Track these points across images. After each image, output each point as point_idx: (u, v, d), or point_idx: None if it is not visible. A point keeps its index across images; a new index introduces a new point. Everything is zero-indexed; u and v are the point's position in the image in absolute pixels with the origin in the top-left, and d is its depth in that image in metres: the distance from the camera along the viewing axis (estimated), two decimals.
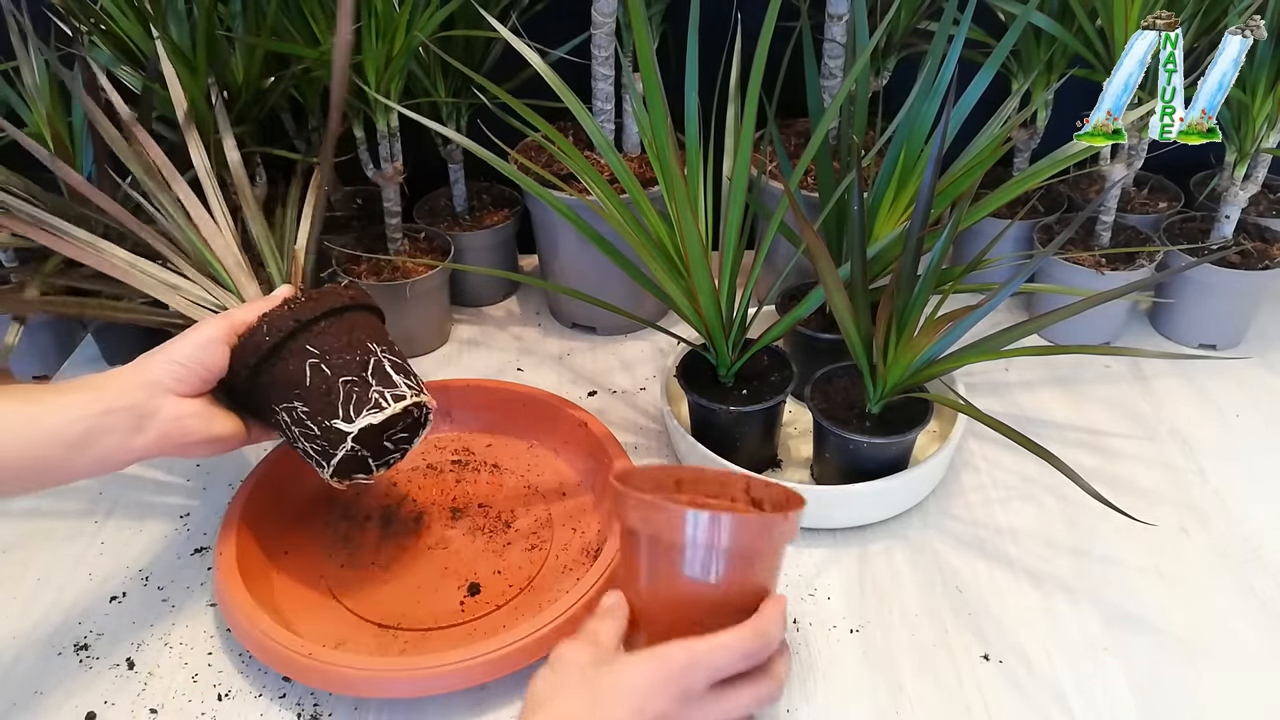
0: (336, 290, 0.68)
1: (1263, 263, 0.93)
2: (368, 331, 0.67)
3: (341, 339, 0.65)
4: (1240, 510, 0.79)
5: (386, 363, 0.66)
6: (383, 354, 0.66)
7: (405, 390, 0.65)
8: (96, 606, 0.72)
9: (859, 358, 0.74)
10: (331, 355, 0.64)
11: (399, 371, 0.66)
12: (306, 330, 0.65)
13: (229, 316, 0.65)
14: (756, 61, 0.71)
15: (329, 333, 0.65)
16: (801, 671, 0.66)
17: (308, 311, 0.65)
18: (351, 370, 0.64)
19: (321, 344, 0.65)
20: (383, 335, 0.69)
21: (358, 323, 0.67)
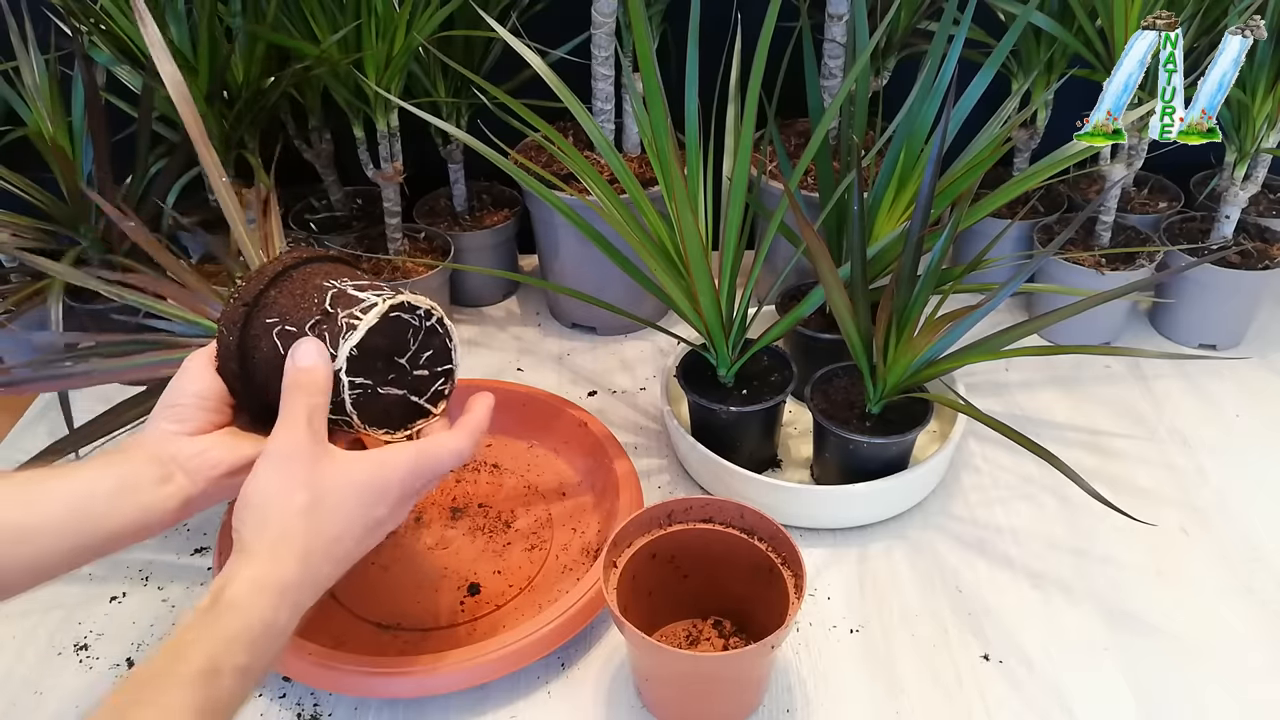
0: (275, 258, 0.62)
1: (1263, 263, 0.93)
2: (322, 274, 0.60)
3: (295, 295, 0.59)
4: (1240, 510, 0.79)
5: (349, 286, 0.58)
6: (342, 283, 0.59)
7: (375, 298, 0.57)
8: (96, 606, 0.72)
9: (859, 358, 0.74)
10: (289, 314, 0.58)
11: (364, 289, 0.59)
12: (258, 307, 0.59)
13: (210, 346, 0.60)
14: (756, 61, 0.71)
15: (281, 297, 0.59)
16: (801, 671, 0.66)
17: (251, 290, 0.59)
18: (312, 313, 0.58)
19: (277, 310, 0.59)
20: (341, 271, 0.62)
21: (309, 273, 0.61)
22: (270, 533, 0.50)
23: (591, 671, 0.67)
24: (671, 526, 0.65)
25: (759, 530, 0.64)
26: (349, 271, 0.62)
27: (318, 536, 0.52)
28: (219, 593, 0.48)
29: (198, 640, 0.46)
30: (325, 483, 0.53)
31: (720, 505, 0.65)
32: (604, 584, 0.61)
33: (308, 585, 0.52)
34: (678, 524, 0.65)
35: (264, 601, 0.49)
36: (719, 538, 0.65)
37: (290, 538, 0.51)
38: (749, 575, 0.65)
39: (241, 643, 0.47)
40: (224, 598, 0.48)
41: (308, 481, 0.52)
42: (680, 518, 0.65)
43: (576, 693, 0.65)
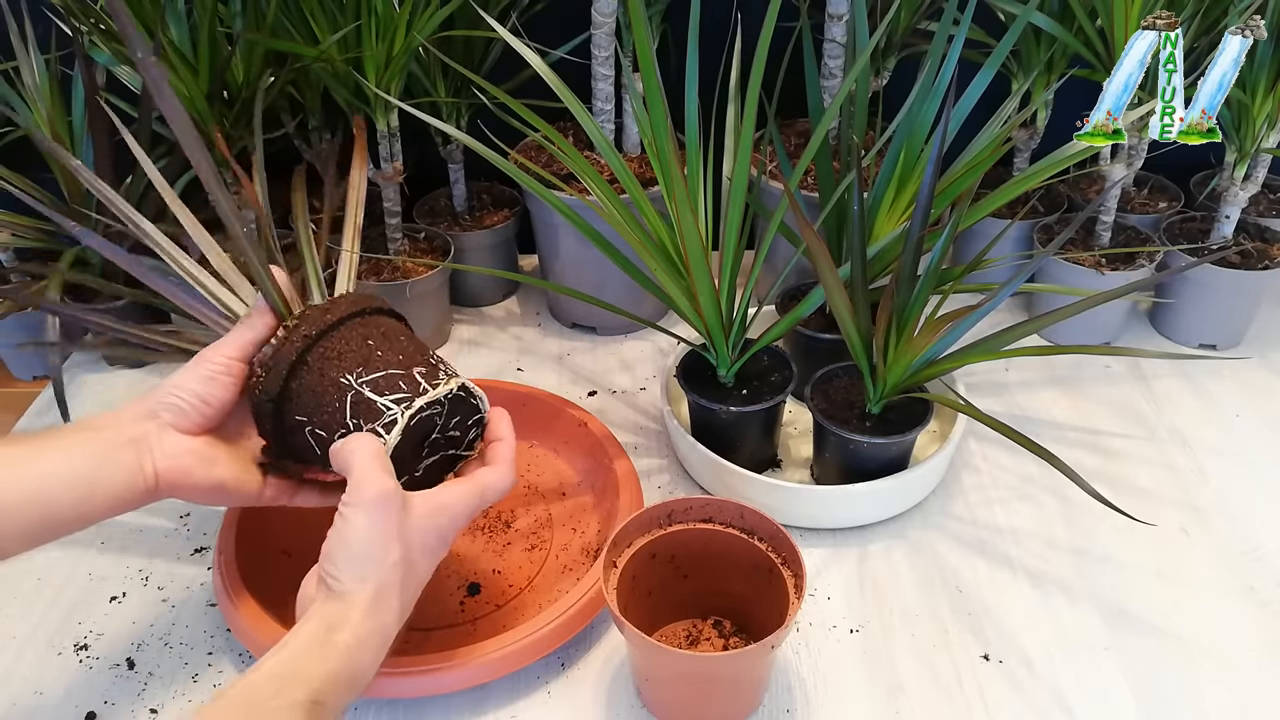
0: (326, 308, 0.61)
1: (1263, 263, 0.93)
2: (347, 359, 0.59)
3: (320, 390, 0.58)
4: (1240, 510, 0.79)
5: (371, 385, 0.58)
6: (365, 377, 0.58)
7: (395, 410, 0.57)
8: (96, 606, 0.72)
9: (859, 358, 0.74)
10: (314, 415, 0.58)
11: (393, 382, 0.58)
12: (289, 385, 0.59)
13: (223, 344, 0.60)
14: (756, 61, 0.71)
15: (305, 387, 0.59)
16: (801, 671, 0.66)
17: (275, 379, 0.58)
18: (333, 424, 0.58)
19: (302, 405, 0.59)
20: (382, 335, 0.61)
21: (349, 347, 0.59)
22: (371, 585, 0.53)
23: (591, 671, 0.67)
24: (671, 526, 0.65)
25: (759, 530, 0.64)
26: (413, 338, 0.62)
27: (408, 588, 0.55)
28: (332, 631, 0.51)
29: (310, 672, 0.49)
30: (412, 536, 0.55)
31: (720, 505, 0.65)
32: (604, 584, 0.61)
33: (397, 629, 0.55)
34: (678, 524, 0.65)
35: (369, 652, 0.52)
36: (719, 538, 0.65)
37: (389, 591, 0.53)
38: (749, 575, 0.65)
39: (343, 684, 0.50)
40: (337, 640, 0.51)
41: (399, 534, 0.54)
42: (680, 518, 0.65)
43: (576, 693, 0.65)
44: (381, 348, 0.60)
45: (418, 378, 0.59)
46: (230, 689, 0.48)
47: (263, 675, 0.49)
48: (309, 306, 0.60)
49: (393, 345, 0.60)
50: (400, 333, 0.62)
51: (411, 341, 0.62)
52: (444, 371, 0.61)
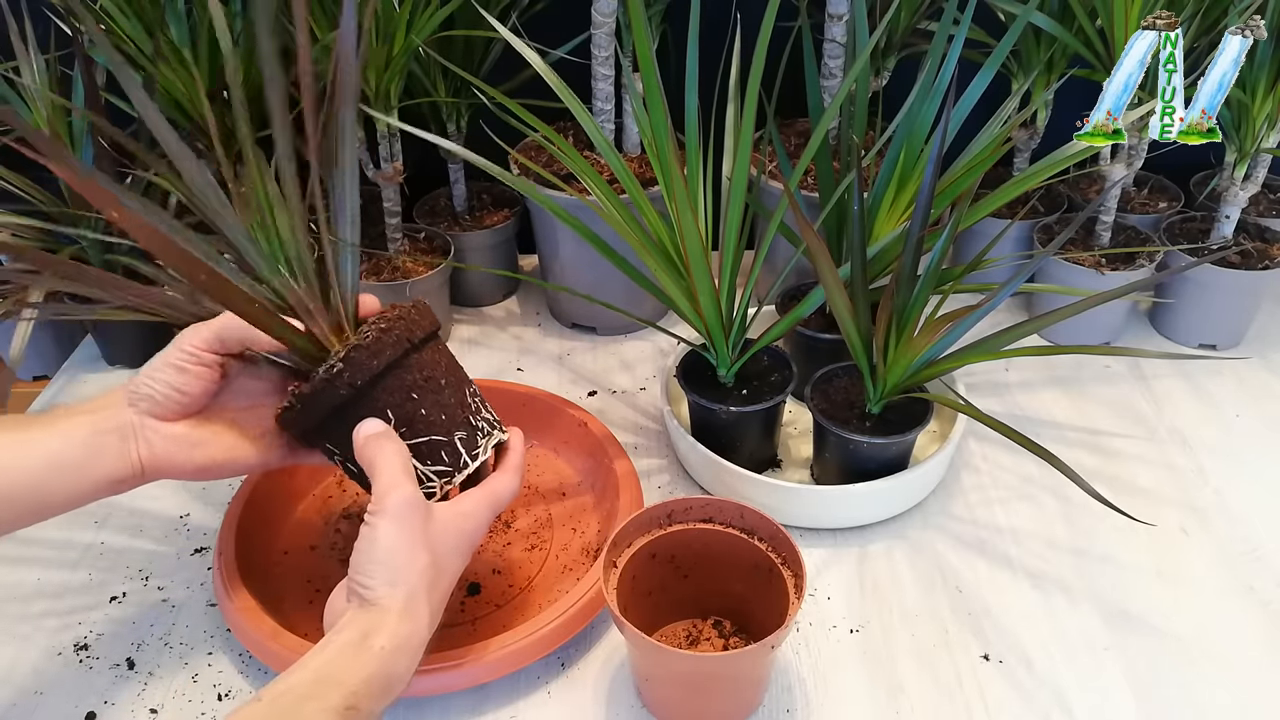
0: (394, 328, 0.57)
1: (1263, 263, 0.93)
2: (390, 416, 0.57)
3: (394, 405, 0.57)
4: (1240, 510, 0.79)
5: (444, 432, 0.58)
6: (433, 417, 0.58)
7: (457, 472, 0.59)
8: (96, 606, 0.72)
9: (859, 358, 0.74)
10: (348, 455, 0.58)
11: (424, 460, 0.58)
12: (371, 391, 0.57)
13: (195, 330, 0.58)
14: (756, 61, 0.71)
15: (342, 433, 0.57)
16: (801, 671, 0.66)
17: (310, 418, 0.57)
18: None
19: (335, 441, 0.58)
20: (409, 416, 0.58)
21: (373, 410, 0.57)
22: (402, 591, 0.53)
23: (591, 671, 0.67)
24: (671, 526, 0.65)
25: (759, 530, 0.64)
26: (451, 369, 0.61)
27: (436, 592, 0.55)
28: (367, 636, 0.51)
29: (346, 677, 0.49)
30: (438, 544, 0.56)
31: (720, 505, 0.65)
32: (604, 584, 0.61)
33: (428, 634, 0.55)
34: (678, 524, 0.65)
35: (405, 657, 0.52)
36: (719, 538, 0.65)
37: (419, 596, 0.53)
38: (749, 575, 0.65)
39: (379, 689, 0.50)
40: (372, 645, 0.51)
41: (426, 541, 0.55)
42: (680, 518, 0.65)
43: (576, 693, 0.65)
44: (426, 404, 0.58)
45: (458, 447, 0.59)
46: (266, 691, 0.48)
47: (299, 679, 0.49)
48: (354, 348, 0.56)
49: (436, 399, 0.58)
50: (442, 372, 0.60)
51: (450, 383, 0.60)
52: (480, 431, 0.61)
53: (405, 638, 0.52)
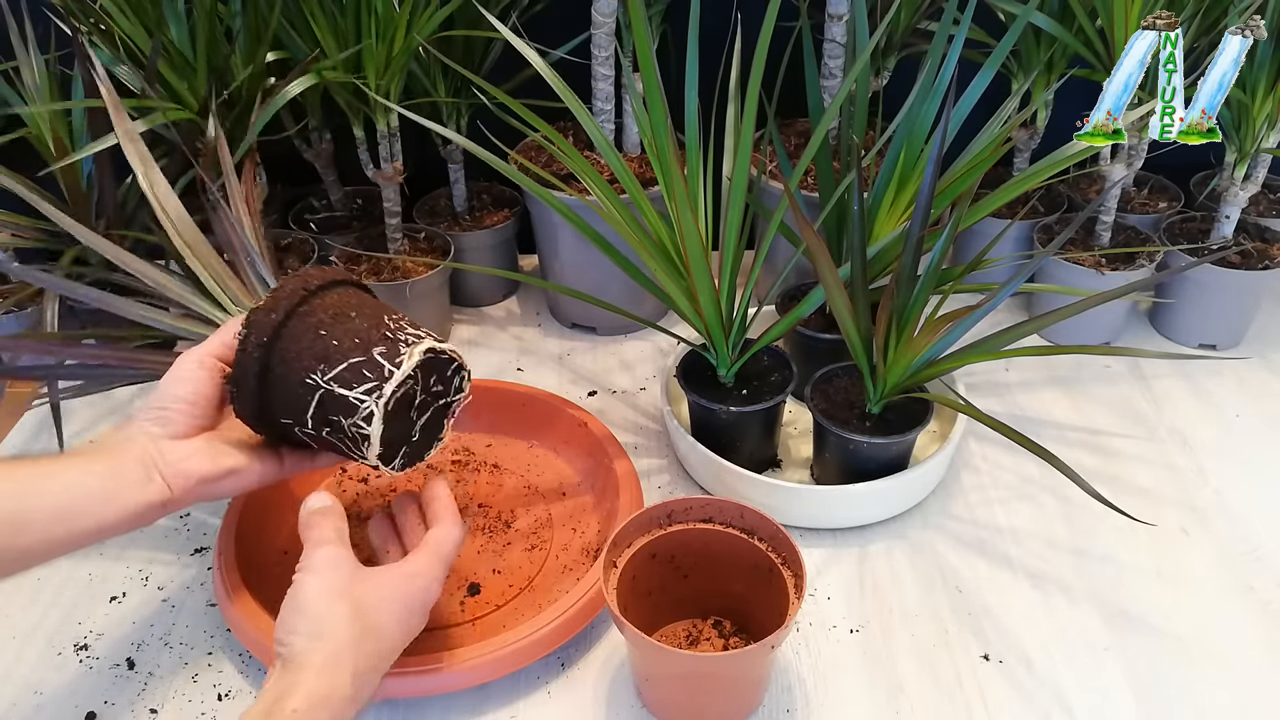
0: (297, 277, 0.60)
1: (1263, 263, 0.93)
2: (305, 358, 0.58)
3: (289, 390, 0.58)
4: (1240, 510, 0.79)
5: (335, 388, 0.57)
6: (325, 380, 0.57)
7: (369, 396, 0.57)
8: (96, 606, 0.72)
9: (859, 358, 0.73)
10: (297, 417, 0.59)
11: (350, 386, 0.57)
12: (278, 338, 0.58)
13: (201, 345, 0.61)
14: (756, 61, 0.71)
15: (278, 395, 0.59)
16: (801, 671, 0.66)
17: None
18: (318, 422, 0.58)
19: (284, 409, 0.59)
20: (355, 305, 0.60)
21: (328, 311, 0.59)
22: (325, 648, 0.53)
23: (591, 671, 0.67)
24: (671, 526, 0.65)
25: (759, 530, 0.64)
26: (364, 304, 0.61)
27: (366, 654, 0.54)
28: (280, 700, 0.50)
29: None
30: (368, 600, 0.56)
31: (720, 505, 0.65)
32: (604, 584, 0.61)
33: (357, 700, 0.54)
34: (678, 524, 0.65)
35: (324, 716, 0.51)
36: (719, 538, 0.65)
37: (342, 654, 0.53)
38: (749, 575, 0.64)
39: None
40: (284, 707, 0.50)
41: (349, 595, 0.55)
42: (680, 518, 0.65)
43: (576, 693, 0.65)
44: (336, 334, 0.58)
45: (379, 360, 0.57)
46: None
47: None
48: (252, 311, 0.58)
49: (345, 328, 0.58)
50: (349, 306, 0.60)
51: (362, 313, 0.60)
52: (404, 341, 0.59)
53: (323, 696, 0.51)
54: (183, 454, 0.58)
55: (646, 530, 0.65)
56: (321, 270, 0.62)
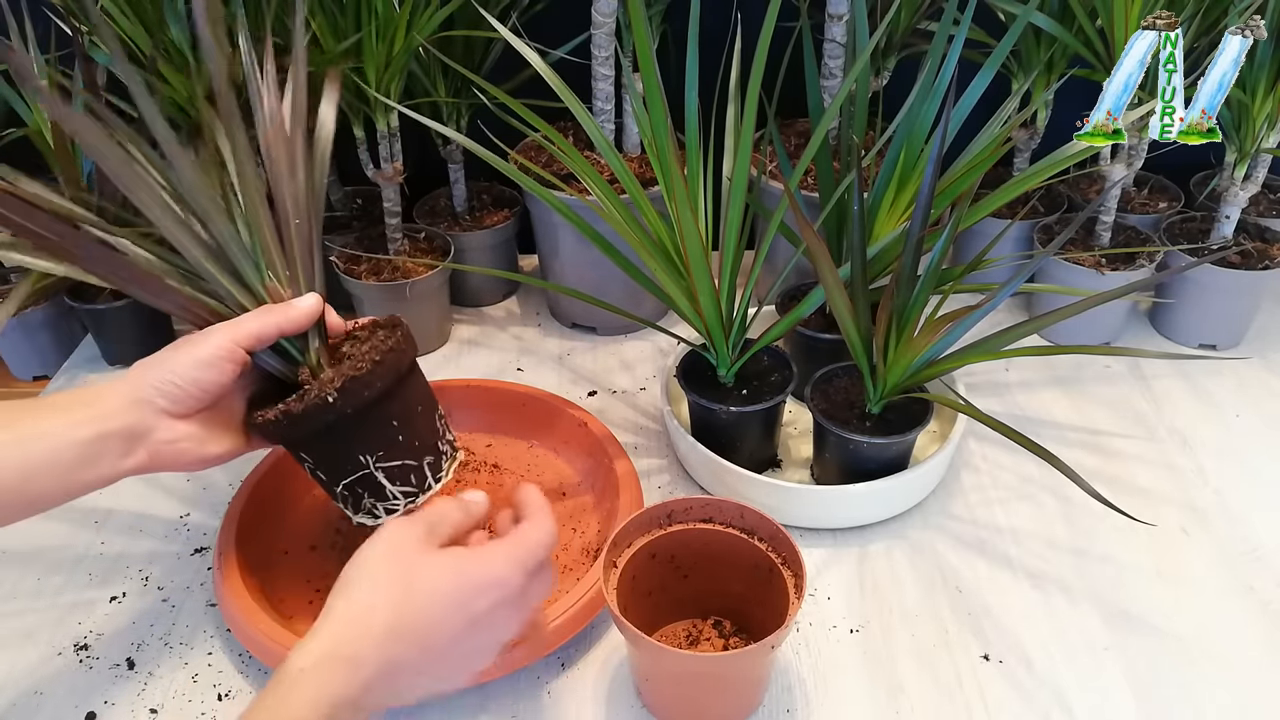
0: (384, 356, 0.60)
1: (1263, 263, 0.93)
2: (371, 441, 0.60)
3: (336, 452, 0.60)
4: (1240, 510, 0.79)
5: (379, 475, 0.61)
6: (376, 466, 0.60)
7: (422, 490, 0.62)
8: (96, 606, 0.72)
9: (859, 358, 0.74)
10: (321, 466, 0.61)
11: (394, 480, 0.61)
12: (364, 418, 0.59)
13: (235, 328, 0.58)
14: (756, 61, 0.71)
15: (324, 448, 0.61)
16: (801, 671, 0.66)
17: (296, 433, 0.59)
18: (337, 482, 0.61)
19: (313, 454, 0.61)
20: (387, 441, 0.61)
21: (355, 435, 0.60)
22: (352, 603, 0.49)
23: (591, 671, 0.67)
24: (671, 526, 0.65)
25: (759, 530, 0.64)
26: (426, 397, 0.65)
27: (404, 615, 0.48)
28: (288, 666, 0.46)
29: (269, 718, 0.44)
30: (420, 566, 0.50)
31: (720, 505, 0.65)
32: (604, 584, 0.61)
33: (391, 666, 0.47)
34: (678, 524, 0.65)
35: (337, 675, 0.46)
36: (719, 538, 0.65)
37: (375, 610, 0.48)
38: (749, 575, 0.64)
39: (314, 716, 0.44)
40: (290, 668, 0.46)
41: (405, 570, 0.50)
42: (680, 518, 0.65)
43: (576, 693, 0.65)
44: (404, 431, 0.61)
45: (426, 471, 0.62)
46: None
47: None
48: (352, 378, 0.58)
49: (413, 428, 0.61)
50: (419, 399, 0.63)
51: (424, 411, 0.63)
52: (445, 454, 0.64)
53: (338, 650, 0.46)
54: (177, 435, 0.57)
55: (646, 530, 0.65)
56: (407, 342, 0.63)
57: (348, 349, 0.63)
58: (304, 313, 0.60)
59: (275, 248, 0.62)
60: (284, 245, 0.63)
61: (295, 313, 0.60)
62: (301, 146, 0.64)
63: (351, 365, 0.58)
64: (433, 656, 0.49)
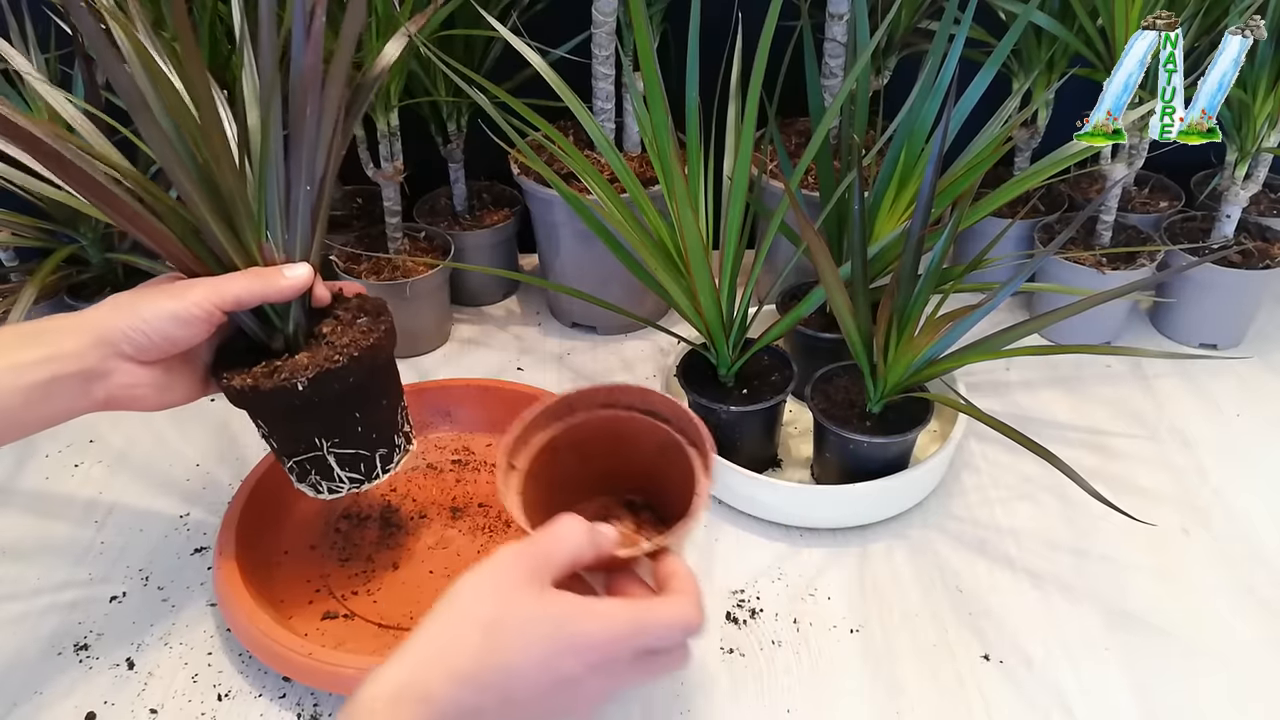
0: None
1: (1263, 262, 0.93)
2: (330, 425, 0.61)
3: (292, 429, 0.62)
4: (1240, 510, 0.79)
5: (330, 459, 0.62)
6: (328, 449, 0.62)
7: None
8: (96, 606, 0.72)
9: (859, 357, 0.73)
10: (274, 436, 0.63)
11: (344, 465, 0.63)
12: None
13: (218, 288, 0.56)
14: (757, 61, 0.71)
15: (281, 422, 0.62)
16: (801, 671, 0.66)
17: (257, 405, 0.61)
18: (288, 455, 0.63)
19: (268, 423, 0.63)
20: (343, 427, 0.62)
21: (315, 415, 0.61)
22: (436, 635, 0.44)
23: None
24: (573, 416, 0.62)
25: (662, 411, 0.61)
26: (393, 386, 0.66)
27: (488, 659, 0.43)
28: (363, 696, 0.43)
29: None
30: (516, 607, 0.44)
31: (623, 390, 0.62)
32: (502, 489, 0.57)
33: (467, 713, 0.43)
34: (581, 412, 0.62)
35: (408, 713, 0.42)
36: (623, 423, 0.62)
37: (460, 651, 0.43)
38: (655, 455, 0.62)
39: None
40: (363, 698, 0.43)
41: (504, 597, 0.44)
42: (582, 406, 0.62)
43: None
44: (364, 422, 0.62)
45: (377, 462, 0.63)
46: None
47: None
48: (325, 371, 0.58)
49: (374, 420, 0.62)
50: (384, 389, 0.64)
51: (388, 403, 0.64)
52: (398, 448, 0.65)
53: (409, 691, 0.42)
54: (137, 380, 0.56)
55: (547, 425, 0.62)
56: (389, 337, 0.62)
57: (328, 330, 0.62)
58: (293, 284, 0.58)
59: (280, 210, 0.59)
60: (289, 210, 0.59)
61: (284, 283, 0.58)
62: (335, 105, 0.59)
63: (328, 356, 0.58)
64: (510, 707, 0.44)
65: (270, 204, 0.59)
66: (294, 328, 0.61)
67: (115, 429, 0.88)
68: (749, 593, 0.72)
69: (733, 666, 0.67)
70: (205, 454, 0.86)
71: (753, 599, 0.71)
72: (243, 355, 0.60)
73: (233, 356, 0.61)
